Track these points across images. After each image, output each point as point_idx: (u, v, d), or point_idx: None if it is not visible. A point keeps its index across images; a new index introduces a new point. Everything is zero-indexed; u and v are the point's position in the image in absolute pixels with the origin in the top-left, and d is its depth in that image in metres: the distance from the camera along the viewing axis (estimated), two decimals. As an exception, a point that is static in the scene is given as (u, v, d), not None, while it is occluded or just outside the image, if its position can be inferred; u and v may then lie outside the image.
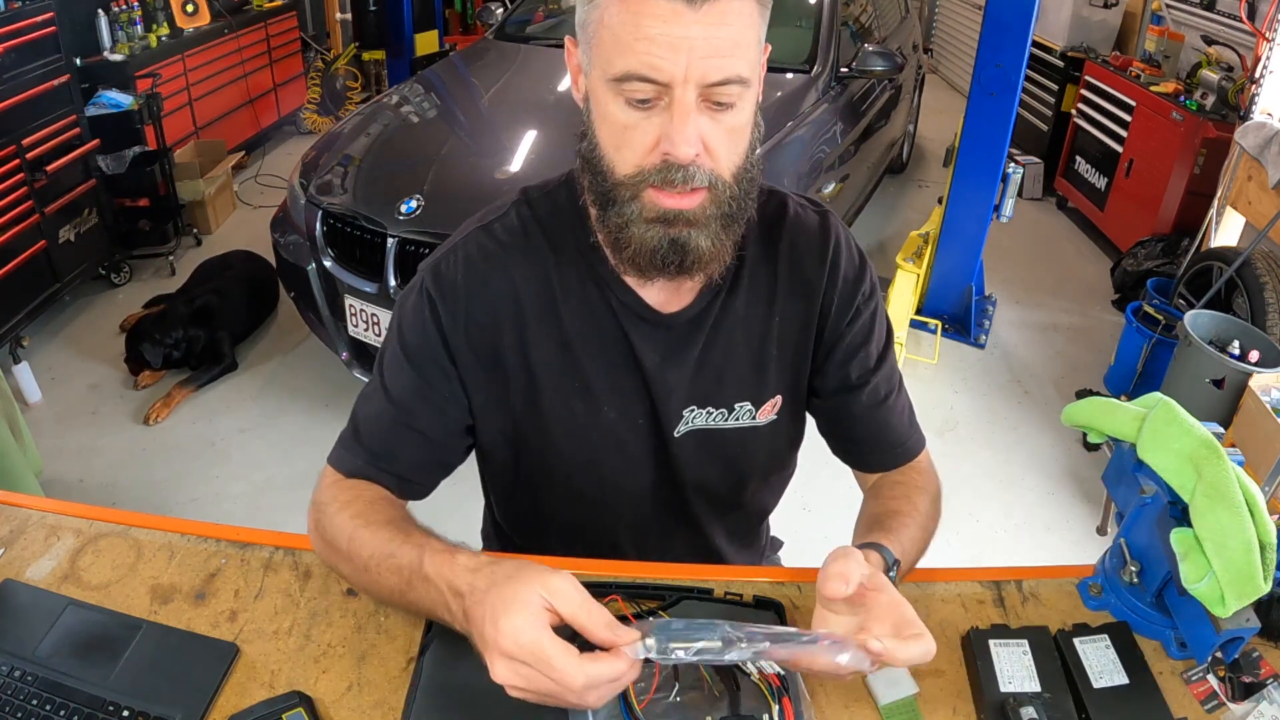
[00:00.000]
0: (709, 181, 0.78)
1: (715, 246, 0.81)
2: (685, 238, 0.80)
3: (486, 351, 0.91)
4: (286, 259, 2.70)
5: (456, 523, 1.34)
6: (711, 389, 0.94)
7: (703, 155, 0.76)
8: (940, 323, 3.39)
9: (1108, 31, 4.47)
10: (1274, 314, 2.71)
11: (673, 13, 0.71)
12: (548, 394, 0.92)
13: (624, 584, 0.91)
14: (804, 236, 0.94)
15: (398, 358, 0.91)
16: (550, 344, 0.91)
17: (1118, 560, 0.91)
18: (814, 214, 0.96)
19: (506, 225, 0.92)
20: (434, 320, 0.89)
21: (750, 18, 0.75)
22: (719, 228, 0.81)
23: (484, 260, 0.90)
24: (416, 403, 0.91)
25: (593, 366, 0.92)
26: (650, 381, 0.92)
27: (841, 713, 0.81)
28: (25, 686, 0.80)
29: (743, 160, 0.80)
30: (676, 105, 0.73)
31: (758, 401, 0.96)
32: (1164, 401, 0.87)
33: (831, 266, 0.94)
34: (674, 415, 0.94)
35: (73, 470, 2.63)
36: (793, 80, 3.10)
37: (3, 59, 2.87)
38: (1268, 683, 0.80)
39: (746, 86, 0.75)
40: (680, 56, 0.71)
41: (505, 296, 0.90)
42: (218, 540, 0.98)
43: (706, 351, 0.92)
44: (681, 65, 0.72)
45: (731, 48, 0.73)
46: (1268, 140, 2.92)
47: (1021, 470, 2.75)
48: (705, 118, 0.75)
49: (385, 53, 5.38)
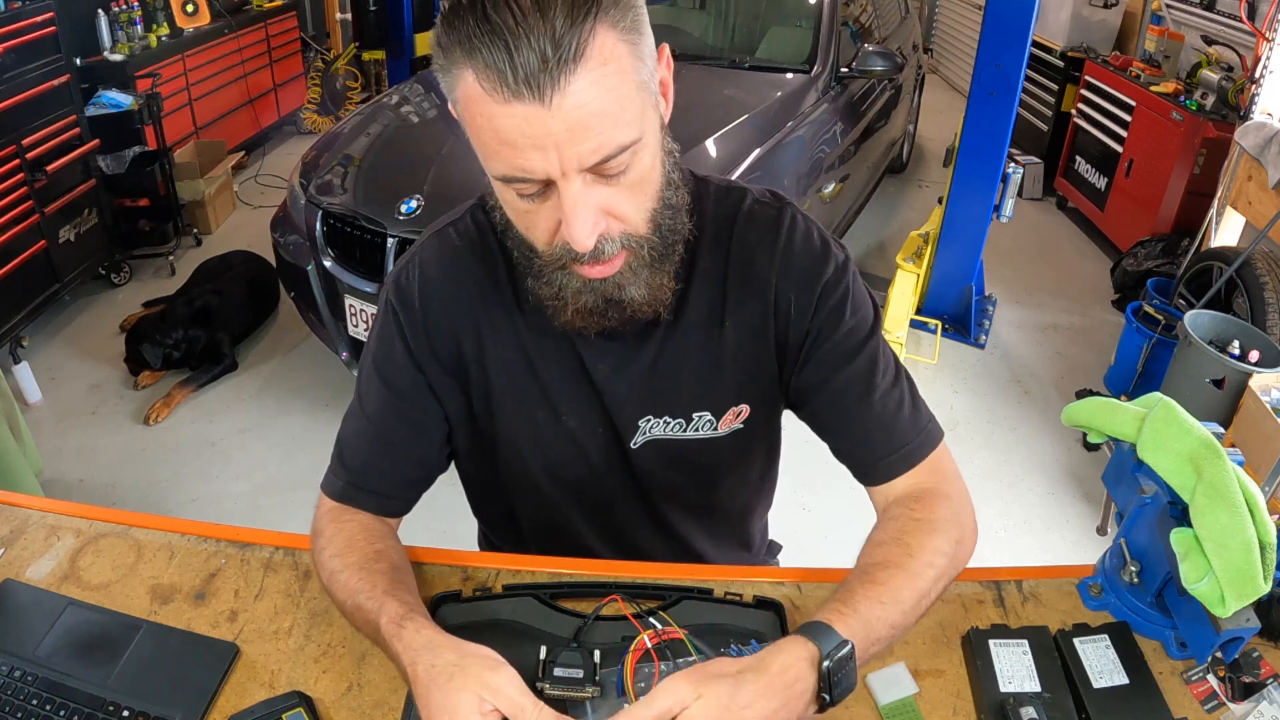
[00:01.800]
0: (623, 244, 0.76)
1: (651, 290, 0.80)
2: (618, 294, 0.78)
3: (450, 359, 0.90)
4: (286, 259, 2.70)
5: (457, 522, 1.34)
6: (666, 398, 0.90)
7: (609, 225, 0.74)
8: (940, 323, 3.39)
9: (1108, 31, 4.47)
10: (1274, 314, 2.71)
11: (525, 116, 0.65)
12: (510, 402, 0.91)
13: (624, 584, 0.91)
14: (755, 232, 0.88)
15: (371, 374, 0.91)
16: (508, 351, 0.90)
17: (1118, 560, 0.91)
18: (770, 209, 0.90)
19: (462, 231, 0.91)
20: (399, 333, 0.89)
21: (616, 73, 0.67)
22: (649, 273, 0.79)
23: (440, 268, 0.89)
24: (391, 419, 0.91)
25: (549, 374, 0.90)
26: (602, 392, 0.90)
27: (841, 713, 0.81)
28: (25, 686, 0.80)
29: (656, 203, 0.77)
30: (564, 198, 0.70)
31: (718, 411, 0.92)
32: (1164, 401, 0.87)
33: (783, 260, 0.87)
34: (629, 426, 0.92)
35: (73, 470, 2.63)
36: (793, 80, 3.10)
37: (3, 59, 2.87)
38: (1268, 683, 0.80)
39: (636, 145, 0.70)
40: (549, 154, 0.67)
41: (462, 304, 0.89)
42: (218, 540, 0.98)
43: (657, 360, 0.89)
44: (554, 162, 0.67)
45: (603, 121, 0.67)
46: (1268, 140, 2.91)
47: (1021, 470, 2.75)
48: (600, 189, 0.71)
49: (385, 53, 5.38)
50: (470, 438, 0.96)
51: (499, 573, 0.94)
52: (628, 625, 0.84)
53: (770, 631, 0.86)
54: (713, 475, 0.98)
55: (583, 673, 0.78)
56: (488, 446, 0.96)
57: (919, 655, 0.86)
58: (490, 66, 0.65)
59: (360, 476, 0.91)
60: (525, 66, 0.64)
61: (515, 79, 0.64)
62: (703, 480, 0.98)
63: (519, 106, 0.65)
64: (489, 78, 0.65)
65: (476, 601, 0.90)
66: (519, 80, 0.64)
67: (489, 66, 0.65)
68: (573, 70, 0.65)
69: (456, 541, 1.04)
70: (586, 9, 0.65)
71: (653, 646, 0.81)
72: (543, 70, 0.64)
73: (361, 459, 0.91)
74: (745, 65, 3.21)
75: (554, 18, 0.64)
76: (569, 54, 0.64)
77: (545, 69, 0.64)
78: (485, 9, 0.65)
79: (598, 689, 0.77)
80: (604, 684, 0.78)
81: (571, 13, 0.65)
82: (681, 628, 0.83)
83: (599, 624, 0.86)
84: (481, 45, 0.65)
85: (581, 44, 0.65)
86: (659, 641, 0.81)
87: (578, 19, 0.65)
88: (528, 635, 0.84)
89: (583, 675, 0.77)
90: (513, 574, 0.94)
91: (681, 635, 0.82)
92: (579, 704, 0.77)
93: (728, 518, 1.08)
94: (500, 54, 0.64)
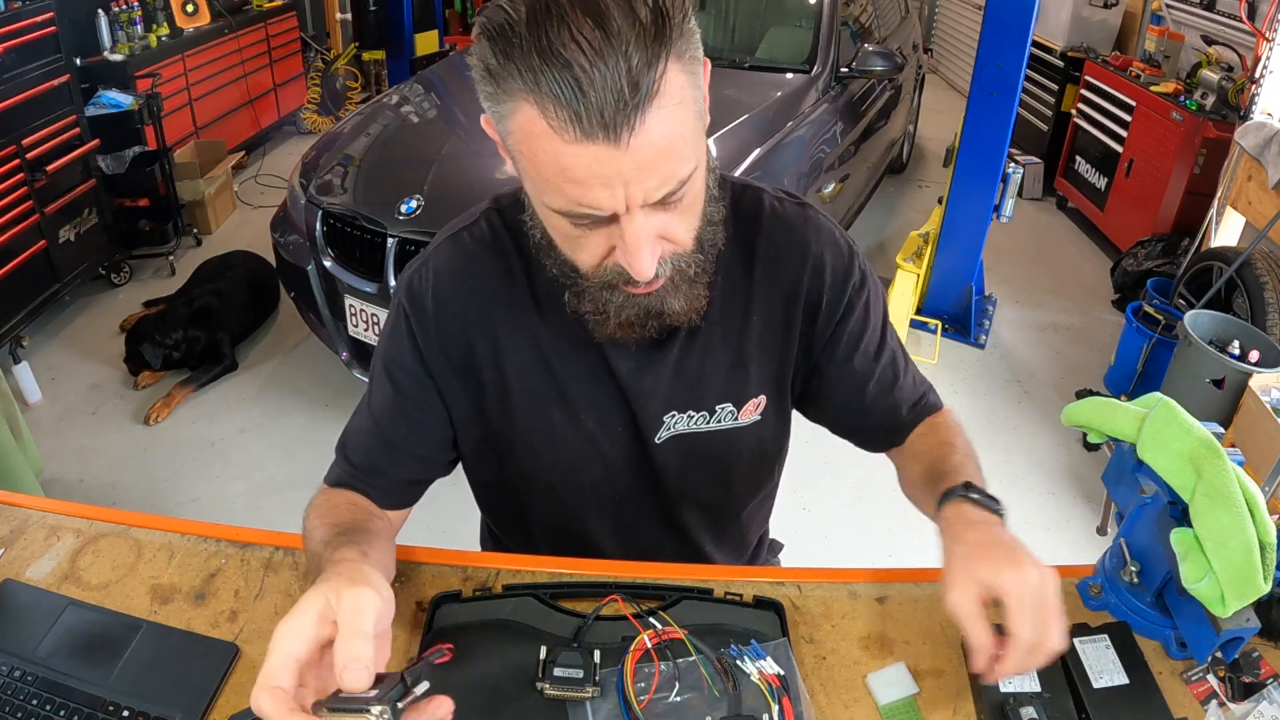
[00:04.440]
0: (673, 264, 0.76)
1: (690, 300, 0.81)
2: (660, 307, 0.79)
3: (462, 364, 0.90)
4: (286, 259, 2.70)
5: (457, 522, 1.34)
6: (691, 393, 0.92)
7: (662, 248, 0.74)
8: (940, 323, 3.39)
9: (1108, 31, 4.47)
10: (1274, 314, 2.71)
11: (596, 156, 0.63)
12: (525, 404, 0.92)
13: (624, 584, 0.91)
14: (781, 232, 0.90)
15: (380, 374, 0.92)
16: (525, 354, 0.90)
17: (1118, 560, 0.91)
18: (792, 207, 0.92)
19: (477, 234, 0.90)
20: (409, 336, 0.89)
21: (680, 106, 0.65)
22: (689, 285, 0.80)
23: (454, 272, 0.89)
24: (396, 419, 0.91)
25: (568, 375, 0.90)
26: (626, 390, 0.90)
27: (841, 713, 0.81)
28: (25, 686, 0.80)
29: (701, 220, 0.77)
30: (627, 232, 0.69)
31: (739, 402, 0.94)
32: (1164, 401, 0.87)
33: (815, 263, 0.90)
34: (654, 421, 0.92)
35: (73, 470, 2.63)
36: (793, 80, 3.10)
37: (3, 59, 2.88)
38: (1268, 683, 0.80)
39: (693, 174, 0.70)
40: (617, 191, 0.66)
41: (477, 308, 0.89)
42: (218, 540, 0.98)
43: (683, 356, 0.90)
44: (620, 198, 0.66)
45: (669, 157, 0.66)
46: (1268, 140, 2.91)
47: (1021, 470, 2.75)
48: (657, 217, 0.71)
49: (385, 53, 5.38)
50: (481, 441, 0.96)
51: (499, 573, 0.94)
52: (628, 625, 0.84)
53: (770, 631, 0.86)
54: (728, 469, 0.99)
55: (583, 673, 0.78)
56: (502, 449, 0.96)
57: (919, 655, 0.86)
58: (561, 104, 0.62)
59: (362, 472, 0.92)
60: (601, 108, 0.61)
61: (590, 121, 0.62)
62: (718, 475, 0.99)
63: (590, 147, 0.63)
64: (558, 116, 0.62)
65: (476, 601, 0.89)
66: (594, 123, 0.62)
67: (559, 104, 0.62)
68: (647, 110, 0.62)
69: (456, 541, 1.04)
70: (660, 44, 0.62)
71: (653, 646, 0.81)
72: (619, 112, 0.62)
73: (363, 456, 0.92)
74: (745, 65, 3.21)
75: (628, 53, 0.61)
76: (645, 94, 0.62)
77: (622, 110, 0.62)
78: (548, 39, 0.61)
79: (598, 689, 0.77)
80: (604, 684, 0.78)
81: (646, 49, 0.62)
82: (681, 628, 0.83)
83: (599, 624, 0.86)
84: (549, 81, 0.61)
85: (655, 82, 0.62)
86: (659, 641, 0.81)
87: (653, 56, 0.62)
88: (528, 635, 0.84)
89: (583, 675, 0.77)
90: (513, 574, 0.94)
91: (681, 635, 0.82)
92: (579, 704, 0.77)
93: (735, 518, 1.09)
94: (572, 93, 0.61)
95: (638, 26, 0.62)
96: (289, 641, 0.62)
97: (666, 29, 0.63)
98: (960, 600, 0.71)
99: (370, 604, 0.63)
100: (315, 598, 0.64)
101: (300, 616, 0.63)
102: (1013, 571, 0.71)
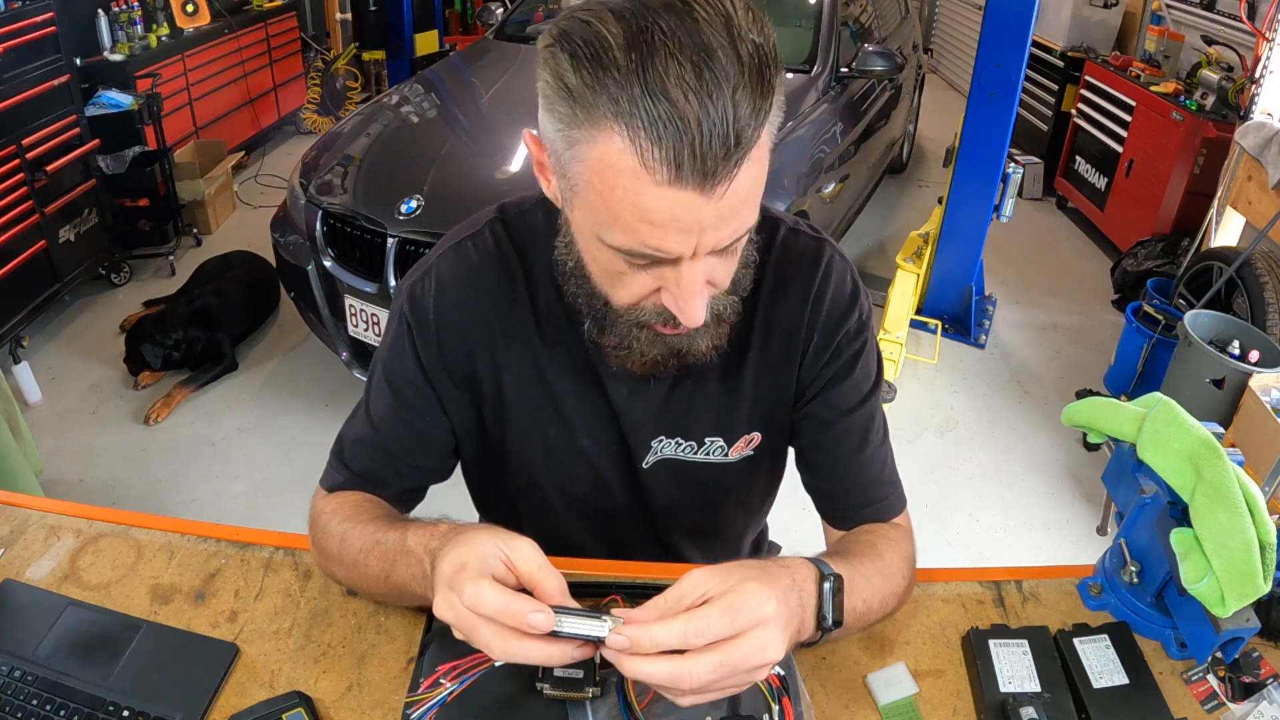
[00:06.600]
0: (710, 307, 0.74)
1: (714, 340, 0.80)
2: (686, 345, 0.78)
3: (462, 375, 0.90)
4: (286, 259, 2.70)
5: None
6: (680, 422, 0.91)
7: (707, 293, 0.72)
8: (940, 323, 3.39)
9: (1108, 31, 4.47)
10: (1274, 314, 2.71)
11: (683, 202, 0.60)
12: (522, 417, 0.92)
13: (624, 584, 0.91)
14: (790, 266, 0.88)
15: (380, 381, 0.91)
16: (523, 370, 0.89)
17: (1118, 560, 0.91)
18: (807, 241, 0.89)
19: (480, 245, 0.89)
20: (410, 346, 0.89)
21: (761, 160, 0.63)
22: (717, 325, 0.78)
23: (457, 284, 0.88)
24: (396, 428, 0.90)
25: (564, 392, 0.90)
26: (618, 413, 0.90)
27: (841, 713, 0.81)
28: (25, 686, 0.80)
29: (738, 264, 0.76)
30: (684, 277, 0.66)
31: (730, 438, 0.92)
32: (1164, 401, 0.87)
33: (815, 300, 0.87)
34: (642, 446, 0.92)
35: (73, 470, 2.63)
36: (793, 80, 3.10)
37: (3, 59, 2.87)
38: (1268, 683, 0.80)
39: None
40: (690, 238, 0.63)
41: (478, 320, 0.88)
42: (218, 540, 0.98)
43: (676, 385, 0.89)
44: (691, 244, 0.63)
45: (745, 207, 0.64)
46: (1268, 140, 2.91)
47: (1021, 470, 2.75)
48: (708, 261, 0.68)
49: (385, 53, 5.38)
50: (480, 449, 0.96)
51: (499, 573, 0.94)
52: (628, 625, 0.84)
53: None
54: (718, 500, 0.99)
55: (583, 673, 0.77)
56: (498, 458, 0.96)
57: (919, 655, 0.86)
58: (661, 145, 0.58)
59: (361, 479, 0.91)
60: (704, 156, 0.58)
61: (690, 168, 0.59)
62: (707, 504, 0.99)
63: (679, 192, 0.60)
64: (653, 156, 0.58)
65: (476, 601, 0.89)
66: (694, 170, 0.59)
67: (658, 145, 0.58)
68: (743, 163, 0.60)
69: (456, 542, 1.04)
70: (765, 98, 0.60)
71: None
72: (722, 162, 0.59)
73: (363, 464, 0.91)
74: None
75: (735, 100, 0.58)
76: (746, 147, 0.59)
77: (725, 161, 0.59)
78: (653, 70, 0.57)
79: (598, 689, 0.77)
80: (604, 684, 0.78)
81: (752, 100, 0.59)
82: (681, 628, 0.82)
83: (599, 624, 0.85)
84: (649, 119, 0.58)
85: (756, 135, 0.60)
86: None
87: (758, 110, 0.59)
88: (528, 635, 0.84)
89: (583, 675, 0.77)
90: (513, 574, 0.94)
91: None
92: (579, 704, 0.76)
93: (724, 540, 1.09)
94: (676, 136, 0.57)
95: (742, 69, 0.58)
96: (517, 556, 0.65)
97: (770, 78, 0.60)
98: (680, 578, 0.65)
99: (534, 546, 0.66)
100: (488, 545, 0.65)
101: (484, 557, 0.64)
102: (749, 594, 0.63)
